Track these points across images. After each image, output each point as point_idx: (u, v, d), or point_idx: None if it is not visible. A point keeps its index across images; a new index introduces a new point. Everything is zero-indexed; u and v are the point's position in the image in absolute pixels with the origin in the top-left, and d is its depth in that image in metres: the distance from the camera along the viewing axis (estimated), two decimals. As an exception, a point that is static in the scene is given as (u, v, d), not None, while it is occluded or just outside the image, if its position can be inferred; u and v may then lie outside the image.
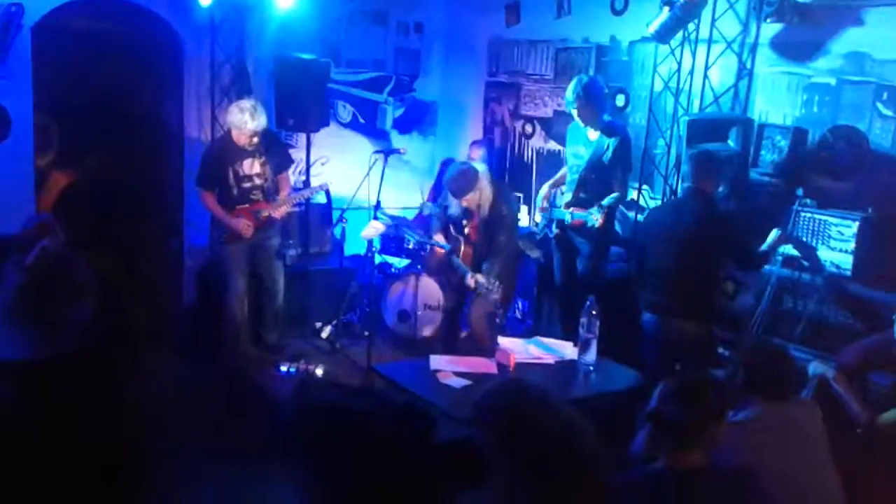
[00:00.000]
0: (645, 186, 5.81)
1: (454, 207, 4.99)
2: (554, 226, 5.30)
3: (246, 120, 5.03)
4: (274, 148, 5.40)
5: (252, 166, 5.22)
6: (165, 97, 6.44)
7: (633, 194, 5.69)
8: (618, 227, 5.62)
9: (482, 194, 4.83)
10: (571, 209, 5.11)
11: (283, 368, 5.25)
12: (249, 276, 5.48)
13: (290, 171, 5.81)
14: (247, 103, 5.14)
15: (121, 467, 2.00)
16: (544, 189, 5.48)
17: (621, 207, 5.60)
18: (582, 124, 5.07)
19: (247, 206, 5.26)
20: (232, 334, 5.43)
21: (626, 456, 2.42)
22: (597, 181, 5.09)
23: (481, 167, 4.96)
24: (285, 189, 5.48)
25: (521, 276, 6.55)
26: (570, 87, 5.00)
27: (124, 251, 6.42)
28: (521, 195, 6.93)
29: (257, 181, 5.25)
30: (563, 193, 5.33)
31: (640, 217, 5.68)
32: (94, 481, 1.96)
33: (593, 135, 5.06)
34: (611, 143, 5.01)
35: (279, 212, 5.33)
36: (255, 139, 5.13)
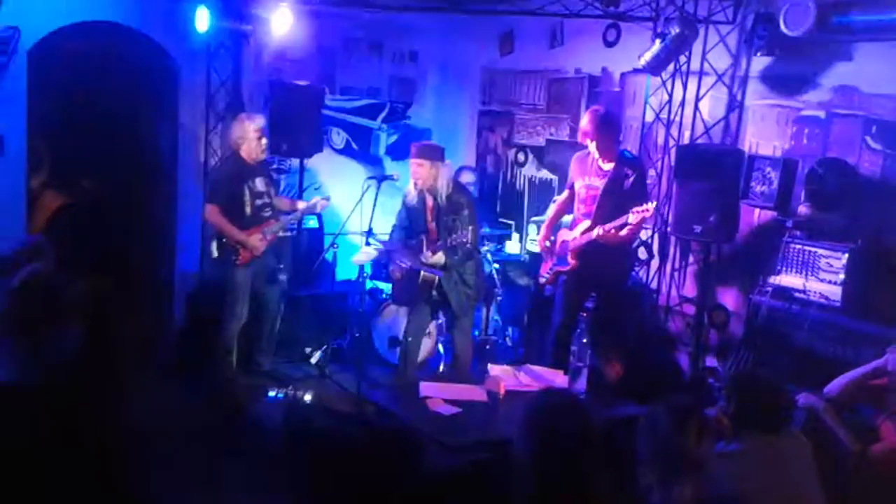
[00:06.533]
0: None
1: (411, 196, 5.15)
2: (569, 257, 5.03)
3: (247, 123, 5.16)
4: (268, 169, 5.49)
5: (262, 184, 5.27)
6: (160, 121, 6.45)
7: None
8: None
9: (440, 175, 4.97)
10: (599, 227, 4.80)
11: (272, 394, 5.21)
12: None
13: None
14: (240, 114, 5.40)
15: (107, 489, 1.97)
16: (543, 230, 5.28)
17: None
18: (597, 155, 4.91)
19: (258, 225, 5.26)
20: (225, 360, 5.38)
21: (618, 483, 2.41)
22: (615, 207, 4.81)
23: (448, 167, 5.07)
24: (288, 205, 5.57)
25: (512, 303, 6.54)
26: (586, 118, 4.90)
27: (115, 274, 6.40)
28: (512, 223, 6.96)
29: (267, 199, 5.30)
30: (570, 230, 5.10)
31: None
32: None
33: (607, 165, 4.92)
34: (631, 174, 4.87)
35: (286, 220, 5.42)
36: (265, 141, 5.23)
